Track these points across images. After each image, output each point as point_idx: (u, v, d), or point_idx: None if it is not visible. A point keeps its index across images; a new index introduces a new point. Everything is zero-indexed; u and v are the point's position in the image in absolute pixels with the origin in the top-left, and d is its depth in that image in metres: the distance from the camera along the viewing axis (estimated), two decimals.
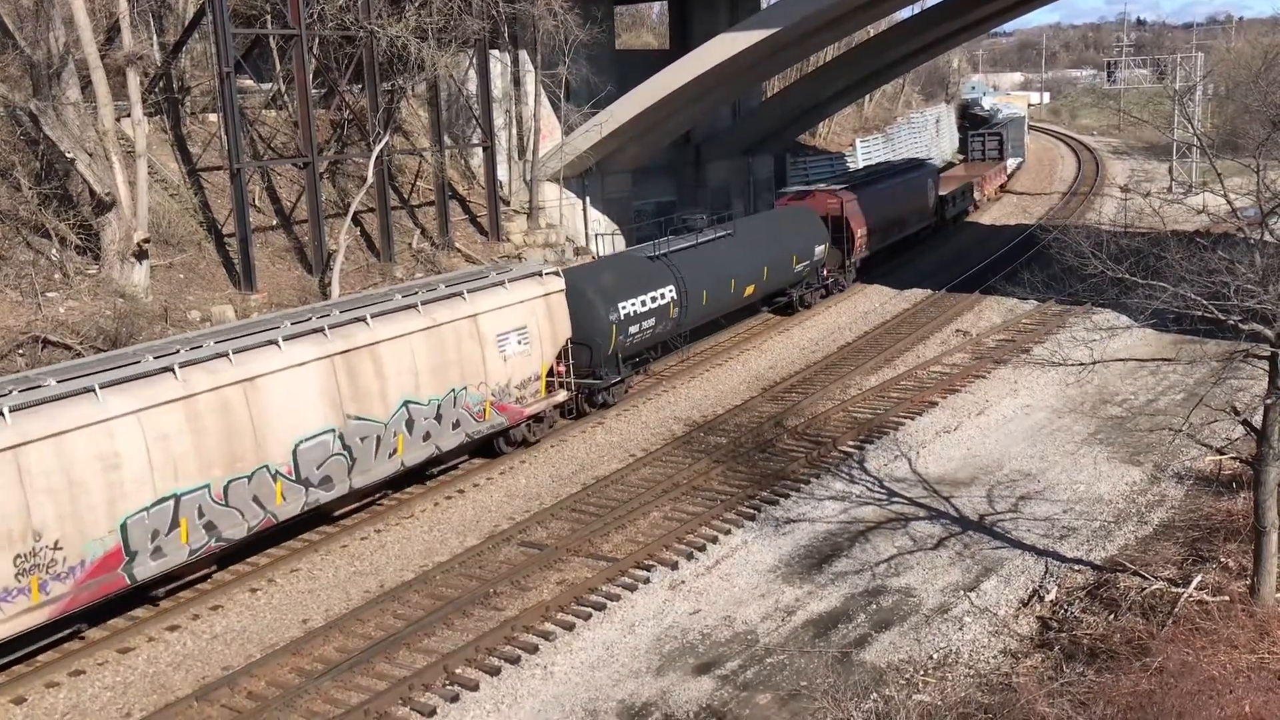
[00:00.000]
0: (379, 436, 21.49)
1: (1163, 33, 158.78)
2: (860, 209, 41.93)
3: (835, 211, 40.35)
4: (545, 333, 25.62)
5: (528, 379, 25.21)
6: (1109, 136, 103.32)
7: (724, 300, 33.43)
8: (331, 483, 20.64)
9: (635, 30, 73.78)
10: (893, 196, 45.88)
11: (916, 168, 52.12)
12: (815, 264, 38.49)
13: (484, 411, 24.05)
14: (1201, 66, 70.36)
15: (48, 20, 26.08)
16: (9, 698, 16.10)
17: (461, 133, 41.07)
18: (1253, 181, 16.05)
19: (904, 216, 47.08)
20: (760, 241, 35.29)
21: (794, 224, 37.97)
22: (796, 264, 37.05)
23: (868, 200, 42.97)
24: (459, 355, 23.30)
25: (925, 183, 50.99)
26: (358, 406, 21.01)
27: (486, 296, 24.33)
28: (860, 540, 20.49)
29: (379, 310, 22.04)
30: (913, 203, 48.73)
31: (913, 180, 49.59)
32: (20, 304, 25.69)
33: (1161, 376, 29.11)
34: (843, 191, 41.81)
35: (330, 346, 20.62)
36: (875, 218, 43.00)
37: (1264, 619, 15.66)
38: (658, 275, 30.03)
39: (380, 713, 15.40)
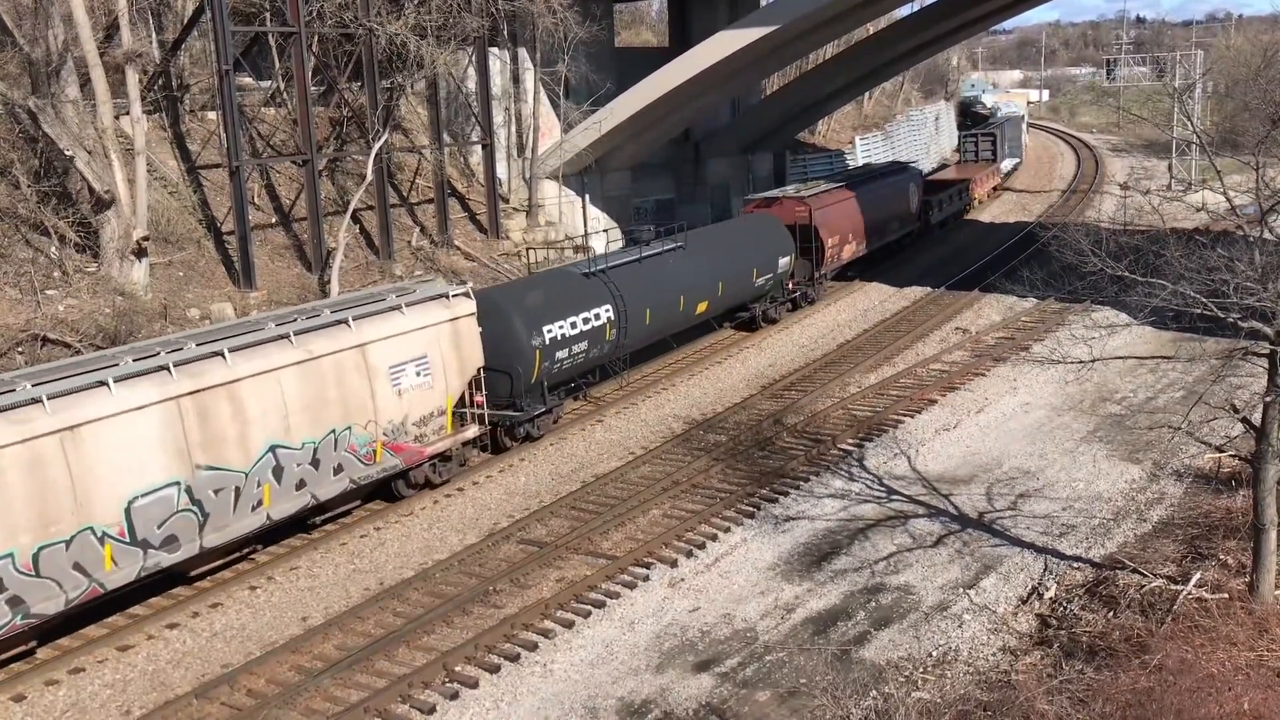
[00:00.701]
0: (238, 488, 18.84)
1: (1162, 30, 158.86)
2: (831, 217, 39.41)
3: (803, 220, 37.85)
4: (451, 362, 22.99)
5: (429, 414, 22.56)
6: (1108, 134, 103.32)
7: (671, 319, 30.97)
8: (177, 543, 18.01)
9: (634, 28, 73.73)
10: (869, 202, 43.17)
11: (897, 171, 50.16)
12: (779, 276, 36.26)
13: (374, 453, 21.30)
14: (1201, 64, 70.34)
15: (47, 18, 26.06)
16: (9, 695, 16.11)
17: (461, 130, 41.05)
18: (1252, 179, 16.05)
19: (883, 223, 44.53)
20: (715, 254, 32.96)
21: (755, 234, 35.76)
22: (757, 277, 34.68)
23: (840, 207, 40.54)
24: (341, 391, 20.60)
25: (906, 186, 48.70)
26: (210, 454, 18.35)
27: (377, 323, 21.59)
28: (860, 538, 20.50)
29: (241, 343, 19.35)
30: (893, 208, 46.18)
31: (892, 184, 47.26)
32: (19, 302, 25.69)
33: (1161, 374, 29.13)
34: (812, 198, 39.07)
35: (175, 387, 17.87)
36: (849, 225, 40.79)
37: (1263, 616, 15.68)
38: (592, 294, 27.41)
39: (380, 710, 15.41)
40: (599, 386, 29.69)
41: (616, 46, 48.29)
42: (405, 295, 22.93)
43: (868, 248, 43.35)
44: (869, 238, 43.20)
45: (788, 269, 36.64)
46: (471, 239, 38.66)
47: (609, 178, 45.09)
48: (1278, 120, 16.70)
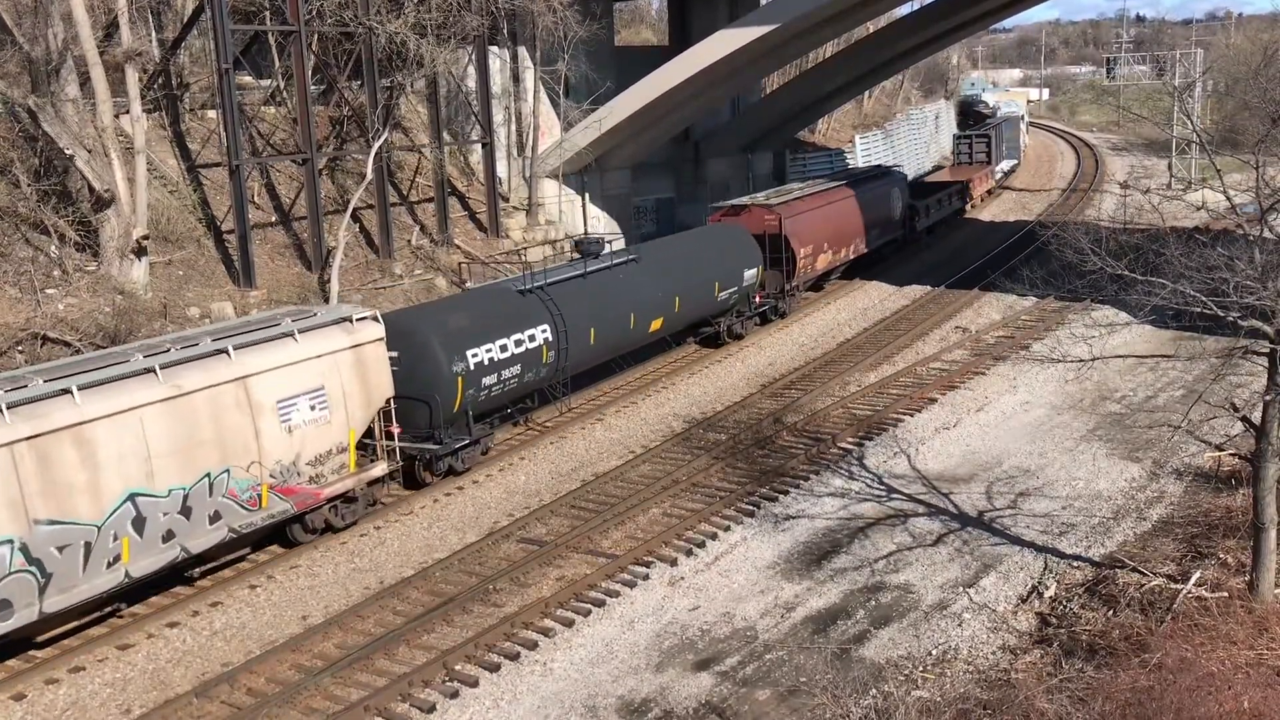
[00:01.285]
0: (89, 543, 16.68)
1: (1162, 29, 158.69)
2: (803, 225, 37.22)
3: (773, 229, 35.82)
4: (354, 393, 20.80)
5: (326, 452, 20.44)
6: (1108, 133, 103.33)
7: (620, 338, 28.87)
8: (10, 608, 15.99)
9: (634, 27, 73.68)
10: (847, 210, 41.07)
11: (879, 176, 47.69)
12: (746, 290, 34.23)
13: (259, 498, 19.26)
14: (1201, 62, 70.32)
15: (46, 16, 26.05)
16: (9, 694, 16.11)
17: (461, 129, 41.06)
18: (1252, 178, 16.05)
19: (862, 231, 42.31)
20: (673, 267, 30.89)
21: (719, 245, 33.69)
22: (720, 291, 32.62)
23: (813, 215, 38.23)
24: (217, 430, 18.45)
25: (889, 192, 46.08)
26: (53, 506, 16.22)
27: (263, 353, 19.40)
28: (859, 537, 20.51)
29: (96, 379, 17.20)
30: (874, 215, 43.60)
31: (873, 190, 44.37)
32: (19, 301, 25.69)
33: (1161, 373, 29.13)
34: (782, 206, 36.89)
35: (8, 431, 15.78)
36: (823, 234, 38.62)
37: (1263, 615, 15.68)
38: (527, 313, 25.49)
39: (380, 709, 15.41)
40: (540, 411, 27.56)
41: (616, 45, 48.29)
42: (301, 320, 20.79)
43: (845, 257, 41.46)
44: (846, 246, 41.20)
45: (754, 281, 34.65)
46: (471, 238, 38.66)
47: (609, 177, 45.09)
48: (1278, 119, 16.69)
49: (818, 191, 40.73)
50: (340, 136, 37.14)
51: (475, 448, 24.44)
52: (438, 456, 23.35)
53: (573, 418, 27.97)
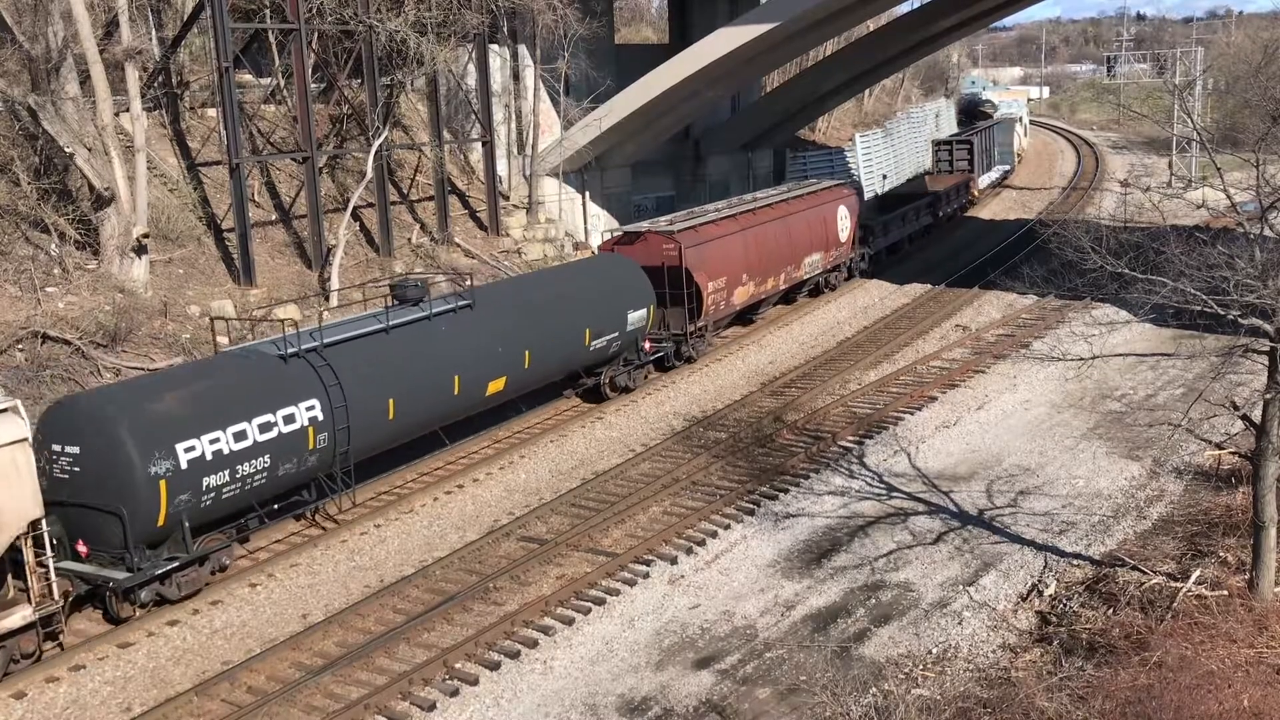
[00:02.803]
0: None
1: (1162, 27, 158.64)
2: (712, 254, 31.82)
3: (672, 260, 30.47)
4: None
5: None
6: (1108, 131, 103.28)
7: (437, 408, 23.06)
8: None
9: (634, 25, 73.63)
10: (776, 232, 35.68)
11: (824, 190, 41.09)
12: (632, 334, 28.63)
13: None
14: (1201, 61, 70.29)
15: (46, 15, 26.04)
16: (9, 692, 16.12)
17: (461, 127, 41.05)
18: (1252, 176, 16.05)
19: (796, 257, 37.14)
20: (525, 313, 25.33)
21: (596, 282, 28.18)
22: (593, 339, 27.03)
23: (728, 242, 32.83)
24: None
25: (835, 211, 39.89)
26: None
27: None
28: (859, 535, 20.51)
29: None
30: (813, 237, 38.12)
31: (814, 208, 38.69)
32: (19, 299, 25.68)
33: (1161, 371, 29.13)
34: (684, 232, 31.26)
35: None
36: (741, 263, 33.43)
37: (1262, 614, 15.69)
38: (286, 385, 19.90)
39: (381, 707, 15.42)
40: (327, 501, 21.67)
41: (616, 43, 48.27)
42: None
43: (773, 289, 36.17)
44: (775, 276, 35.96)
45: (644, 323, 29.10)
46: (471, 236, 38.66)
47: (609, 175, 45.09)
48: (1278, 117, 16.69)
49: (741, 211, 35.23)
50: (340, 135, 37.14)
51: (199, 568, 18.66)
52: (129, 587, 17.58)
53: (573, 415, 27.97)
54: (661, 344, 30.87)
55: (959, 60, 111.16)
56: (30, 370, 23.88)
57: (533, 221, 40.95)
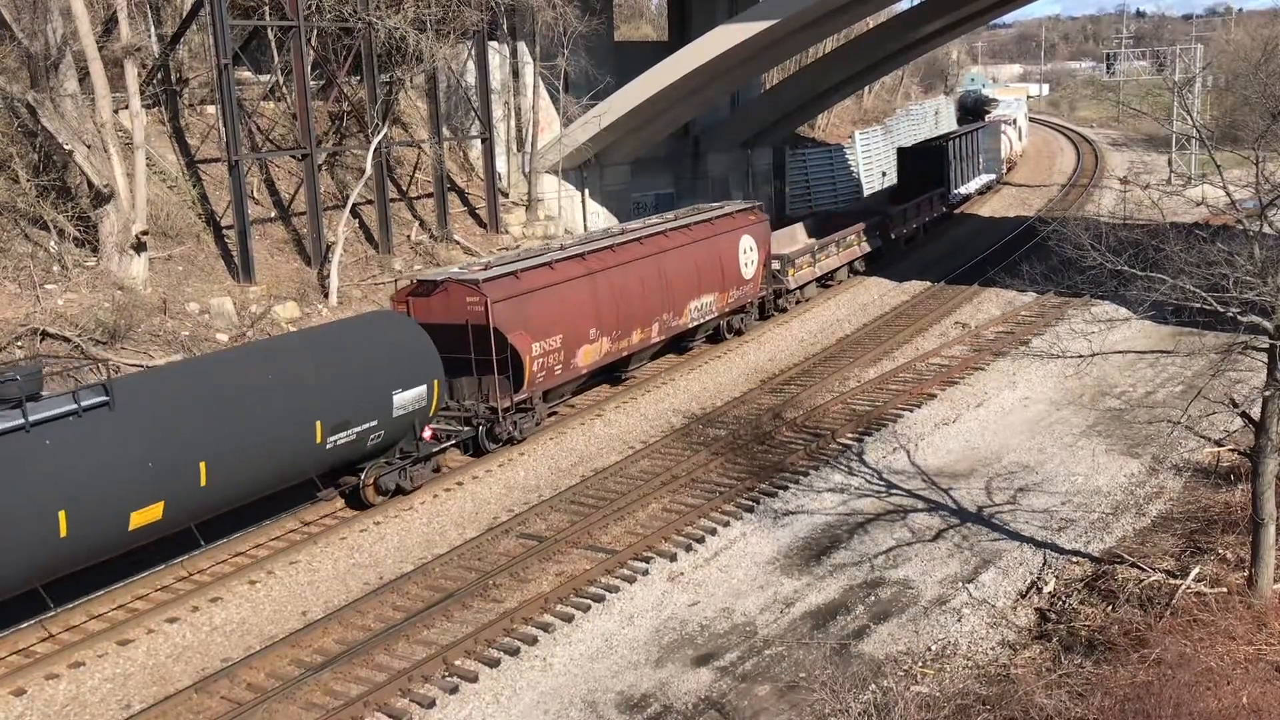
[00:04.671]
0: None
1: (1162, 24, 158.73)
2: (538, 308, 25.06)
3: (479, 317, 23.75)
4: None
5: None
6: (1108, 128, 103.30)
7: (32, 558, 16.23)
8: None
9: (634, 22, 73.59)
10: (638, 276, 28.73)
11: (721, 219, 33.63)
12: (402, 422, 21.86)
13: None
14: (1201, 58, 70.26)
15: (45, 12, 26.03)
16: (9, 689, 16.12)
17: (460, 124, 41.03)
18: (1252, 173, 16.05)
19: (673, 304, 30.35)
20: (202, 410, 18.30)
21: (345, 354, 21.26)
22: (331, 435, 20.16)
23: (562, 291, 25.93)
24: None
25: (735, 242, 33.21)
26: None
27: None
28: (859, 532, 20.52)
29: None
30: (701, 277, 31.46)
31: (704, 242, 31.85)
32: (19, 296, 25.68)
33: (1160, 369, 29.14)
34: (499, 281, 24.32)
35: None
36: (587, 316, 26.70)
37: (1261, 611, 15.71)
38: None
39: (380, 704, 15.43)
40: None
41: (616, 40, 48.25)
42: None
43: (637, 344, 29.19)
44: (638, 330, 28.97)
45: (423, 404, 22.33)
46: (471, 233, 38.65)
47: (608, 172, 45.08)
48: (1277, 114, 16.69)
49: (592, 250, 27.99)
50: (339, 132, 37.12)
51: None
52: None
53: (572, 413, 27.96)
54: (462, 427, 24.36)
55: (958, 57, 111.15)
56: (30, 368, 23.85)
57: (532, 219, 40.95)
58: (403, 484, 22.54)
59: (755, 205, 36.66)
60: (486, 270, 25.05)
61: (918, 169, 54.17)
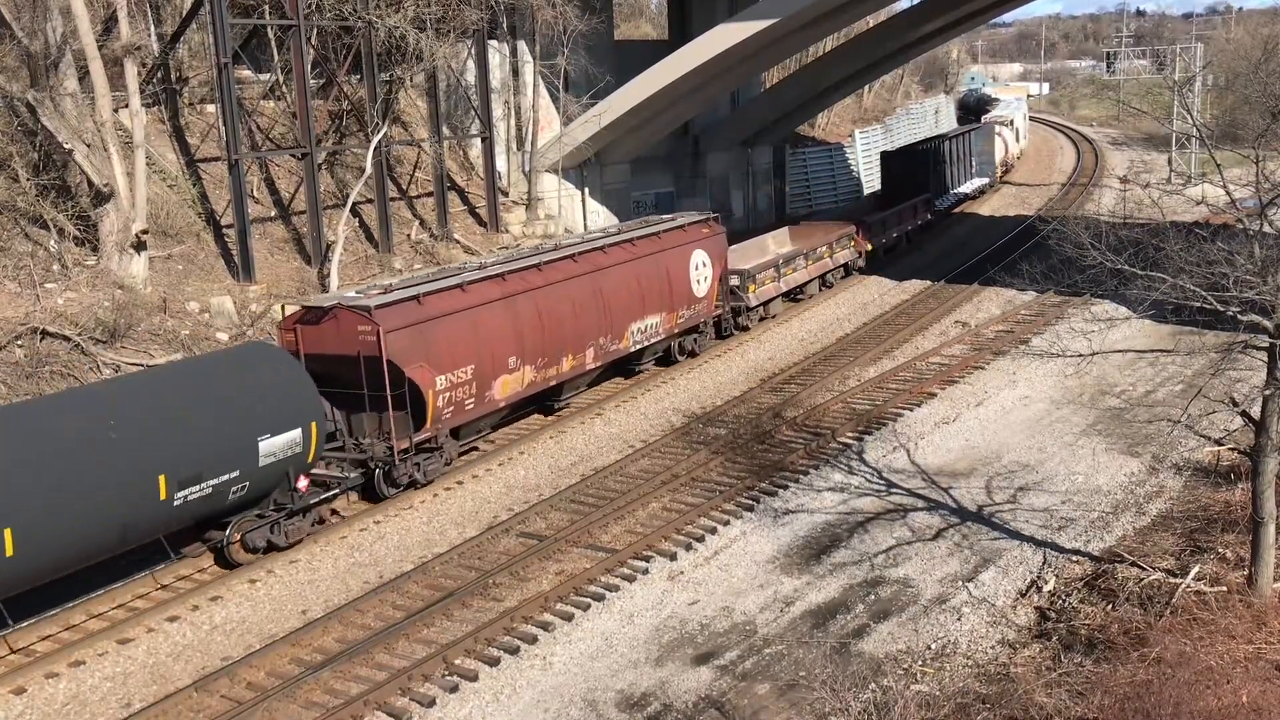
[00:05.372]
0: None
1: (1162, 23, 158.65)
2: (443, 336, 22.61)
3: (370, 348, 21.37)
4: None
5: None
6: (1108, 127, 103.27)
7: None
8: None
9: (634, 21, 73.54)
10: (569, 297, 26.20)
11: (671, 233, 30.84)
12: (272, 471, 19.46)
13: None
14: (1201, 57, 70.23)
15: (45, 10, 26.03)
16: (9, 688, 16.13)
17: (460, 123, 41.02)
18: (1252, 172, 16.05)
19: (612, 327, 27.80)
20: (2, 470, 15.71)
21: (199, 395, 18.76)
22: (179, 490, 17.76)
23: (474, 316, 23.47)
24: None
25: (686, 258, 30.73)
26: None
27: None
28: (859, 531, 20.52)
29: None
30: (646, 297, 28.94)
31: (649, 258, 29.26)
32: (18, 295, 25.68)
33: (1160, 368, 29.14)
34: (395, 307, 21.92)
35: None
36: (507, 343, 24.23)
37: (1261, 610, 15.71)
38: None
39: (380, 703, 15.43)
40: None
41: (616, 39, 48.25)
42: None
43: (574, 370, 26.83)
44: (575, 354, 26.63)
45: (298, 451, 19.80)
46: (471, 232, 38.65)
47: (608, 171, 45.08)
48: (1278, 113, 16.69)
49: (513, 269, 25.33)
50: (339, 131, 37.12)
51: None
52: None
53: (572, 412, 27.95)
54: (352, 472, 21.73)
55: (958, 56, 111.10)
56: (29, 366, 23.88)
57: (532, 218, 40.94)
58: (275, 540, 20.06)
59: (710, 217, 33.64)
60: (385, 294, 22.50)
61: (901, 174, 52.06)
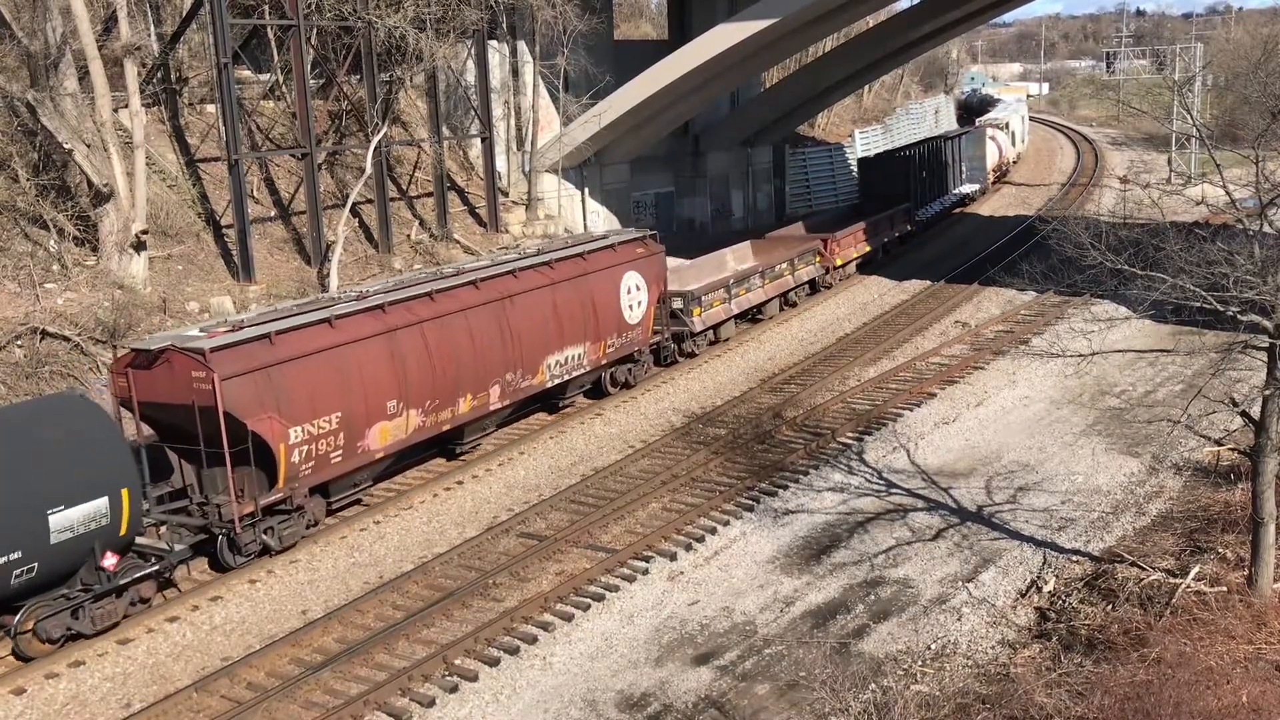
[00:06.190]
0: None
1: (1162, 23, 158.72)
2: (300, 380, 19.65)
3: (204, 397, 18.43)
4: None
5: None
6: (1108, 127, 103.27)
7: None
8: None
9: (634, 21, 73.51)
10: (466, 329, 23.19)
11: (599, 253, 27.97)
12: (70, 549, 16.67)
13: None
14: (1201, 57, 70.22)
15: (45, 10, 26.03)
16: (9, 689, 16.13)
17: (460, 123, 41.02)
18: (1252, 172, 16.04)
19: (523, 360, 24.81)
20: None
21: None
22: None
23: (341, 356, 20.44)
24: None
25: (617, 281, 27.91)
26: None
27: None
28: (859, 531, 20.52)
29: None
30: (565, 326, 26.05)
31: (569, 283, 26.35)
32: (18, 295, 25.68)
33: (1160, 368, 29.14)
34: (237, 349, 18.92)
35: None
36: (385, 386, 21.29)
37: (1261, 610, 15.71)
38: None
39: (380, 703, 15.43)
40: None
41: (615, 39, 48.24)
42: None
43: (475, 411, 23.83)
44: (477, 393, 23.66)
45: (106, 524, 16.98)
46: (471, 232, 38.65)
47: (608, 171, 45.08)
48: (1277, 113, 16.69)
49: (396, 299, 22.13)
50: (339, 131, 37.12)
51: None
52: None
53: (572, 412, 27.94)
54: (172, 548, 18.57)
55: (958, 56, 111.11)
56: (29, 366, 23.90)
57: (532, 218, 40.94)
58: (80, 628, 17.04)
59: (646, 235, 30.39)
60: (232, 332, 19.41)
61: (880, 182, 49.23)
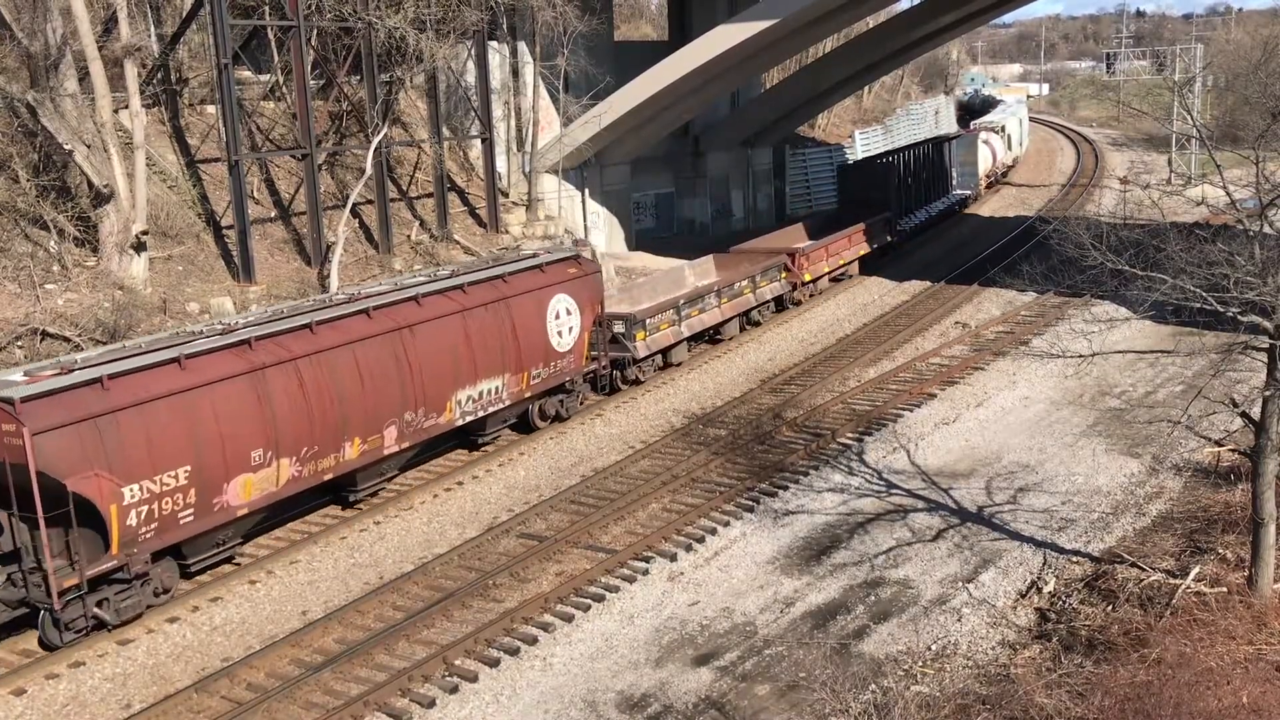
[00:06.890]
0: None
1: (1162, 24, 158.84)
2: (130, 435, 17.03)
3: (15, 454, 15.93)
4: None
5: None
6: (1108, 128, 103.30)
7: None
8: None
9: (634, 21, 73.53)
10: (353, 364, 20.72)
11: (523, 275, 25.56)
12: None
13: None
14: (1201, 58, 70.23)
15: (45, 11, 26.02)
16: (9, 689, 16.13)
17: (460, 124, 41.03)
18: (1252, 173, 16.05)
19: (426, 398, 22.34)
20: None
21: None
22: None
23: (186, 402, 17.89)
24: None
25: (544, 305, 25.52)
26: None
27: None
28: (859, 532, 20.52)
29: None
30: (479, 357, 23.63)
31: (487, 308, 23.99)
32: (19, 296, 25.68)
33: (1160, 368, 29.14)
34: (64, 394, 16.50)
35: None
36: (251, 433, 18.87)
37: (1261, 610, 15.71)
38: None
39: (380, 704, 15.43)
40: None
41: (616, 40, 48.27)
42: None
43: (368, 455, 21.34)
44: (369, 435, 21.17)
45: None
46: (471, 233, 38.65)
47: (608, 171, 45.09)
48: (1277, 114, 16.69)
49: (268, 333, 19.77)
50: (339, 131, 37.11)
51: None
52: None
53: (572, 414, 27.95)
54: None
55: (958, 57, 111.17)
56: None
57: (532, 218, 40.94)
58: None
59: (576, 254, 28.10)
60: (57, 376, 16.81)
61: (860, 190, 46.90)
